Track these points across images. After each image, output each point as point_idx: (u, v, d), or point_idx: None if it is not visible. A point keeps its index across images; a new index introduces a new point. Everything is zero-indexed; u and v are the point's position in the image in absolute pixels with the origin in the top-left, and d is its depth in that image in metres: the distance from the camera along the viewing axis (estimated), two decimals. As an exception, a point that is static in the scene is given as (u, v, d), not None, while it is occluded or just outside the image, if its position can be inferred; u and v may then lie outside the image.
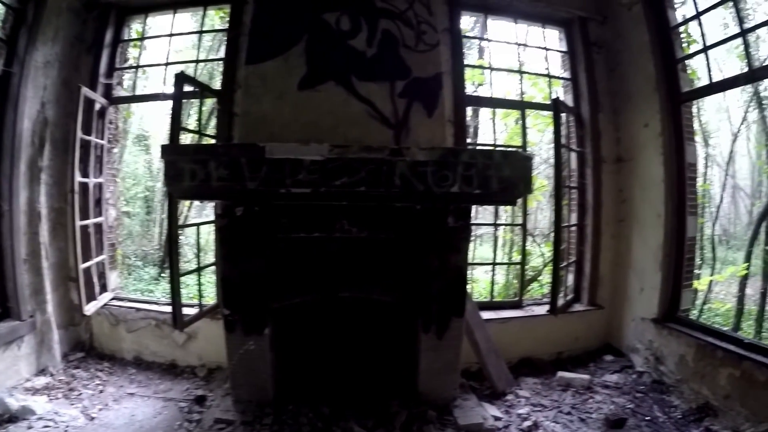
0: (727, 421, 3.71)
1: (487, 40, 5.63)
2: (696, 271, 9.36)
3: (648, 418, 3.91)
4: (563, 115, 5.10)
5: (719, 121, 10.77)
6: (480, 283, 8.35)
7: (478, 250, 9.11)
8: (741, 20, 4.11)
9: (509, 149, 4.71)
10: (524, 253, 5.21)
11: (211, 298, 5.67)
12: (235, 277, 3.46)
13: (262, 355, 3.54)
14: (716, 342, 4.05)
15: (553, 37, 5.61)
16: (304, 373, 3.87)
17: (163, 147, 3.16)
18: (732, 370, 3.79)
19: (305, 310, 3.69)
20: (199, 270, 4.33)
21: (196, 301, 4.61)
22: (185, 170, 3.04)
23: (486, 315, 4.63)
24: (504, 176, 3.16)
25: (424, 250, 3.52)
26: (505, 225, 7.91)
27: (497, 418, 3.74)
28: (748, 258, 8.37)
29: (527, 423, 3.72)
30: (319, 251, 3.50)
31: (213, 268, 4.58)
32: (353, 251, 3.53)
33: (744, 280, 8.15)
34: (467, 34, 5.61)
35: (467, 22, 5.75)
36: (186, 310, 3.98)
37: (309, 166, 3.03)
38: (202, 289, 4.80)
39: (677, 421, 3.88)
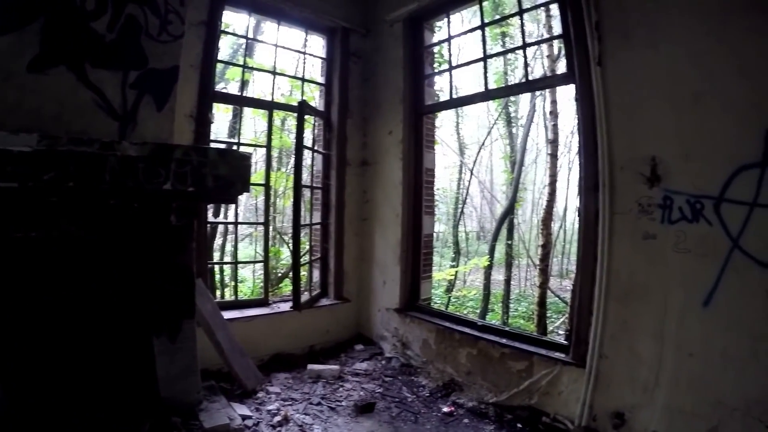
0: (472, 393, 4.19)
1: (248, 39, 5.57)
2: (451, 263, 10.62)
3: (397, 399, 4.23)
4: (315, 117, 5.30)
5: (481, 135, 12.29)
6: (246, 282, 8.26)
7: (246, 249, 9.08)
8: (484, 47, 4.69)
9: (226, 148, 4.68)
10: (267, 251, 5.29)
11: None
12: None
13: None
14: (453, 326, 4.55)
15: (319, 44, 5.78)
16: (37, 392, 3.40)
17: None
18: (470, 349, 4.31)
19: (28, 318, 3.24)
20: None
21: None
22: None
23: (231, 314, 4.59)
24: (220, 174, 3.15)
25: (148, 250, 3.35)
26: (246, 223, 7.94)
27: (246, 417, 3.72)
28: (491, 251, 9.72)
29: (277, 418, 3.76)
30: (38, 252, 3.10)
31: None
32: (74, 252, 3.20)
33: (488, 270, 9.44)
34: (229, 31, 5.46)
35: (243, 20, 5.63)
36: None
37: (16, 158, 2.67)
38: None
39: (426, 398, 4.27)
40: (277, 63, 5.41)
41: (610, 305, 3.36)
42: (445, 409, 4.04)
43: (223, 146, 5.76)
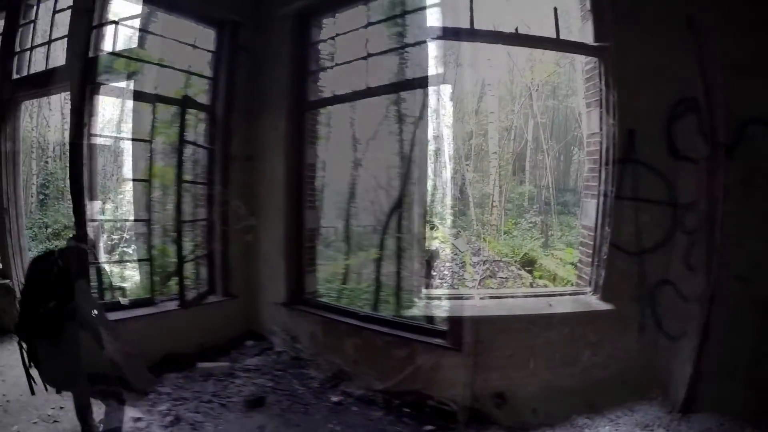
0: (361, 382, 4.35)
1: (135, 28, 5.33)
2: (344, 257, 10.79)
3: (287, 392, 4.31)
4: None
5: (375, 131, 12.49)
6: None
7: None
8: (366, 46, 4.85)
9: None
10: (150, 248, 5.14)
11: None
12: None
13: None
14: (338, 317, 4.73)
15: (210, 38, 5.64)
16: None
17: None
18: (355, 339, 4.48)
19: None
20: None
21: None
22: None
23: (117, 315, 4.45)
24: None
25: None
26: (128, 220, 7.65)
27: (138, 419, 3.69)
28: (381, 244, 10.01)
29: (169, 418, 3.76)
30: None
31: None
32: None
33: (378, 262, 9.72)
34: (115, 20, 5.17)
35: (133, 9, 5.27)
36: None
37: None
38: None
39: (315, 390, 4.39)
40: (173, 56, 5.25)
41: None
42: (335, 399, 4.19)
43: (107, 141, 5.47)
